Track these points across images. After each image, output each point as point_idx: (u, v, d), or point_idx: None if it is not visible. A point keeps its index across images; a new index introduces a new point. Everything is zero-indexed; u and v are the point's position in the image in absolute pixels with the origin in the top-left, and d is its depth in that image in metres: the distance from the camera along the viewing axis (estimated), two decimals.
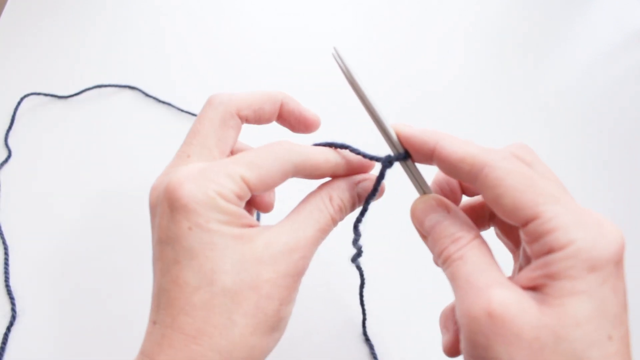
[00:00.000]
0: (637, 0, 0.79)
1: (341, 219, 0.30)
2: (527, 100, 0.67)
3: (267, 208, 0.36)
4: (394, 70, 0.69)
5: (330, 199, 0.29)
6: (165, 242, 0.26)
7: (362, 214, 0.30)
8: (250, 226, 0.27)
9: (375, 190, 0.29)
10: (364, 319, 0.46)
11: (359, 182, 0.30)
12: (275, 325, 0.26)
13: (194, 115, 0.60)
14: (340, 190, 0.29)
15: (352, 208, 0.30)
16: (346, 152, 0.30)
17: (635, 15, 0.78)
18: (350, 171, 0.31)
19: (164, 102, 0.61)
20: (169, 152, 0.57)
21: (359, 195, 0.30)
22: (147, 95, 0.62)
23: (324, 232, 0.28)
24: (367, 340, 0.47)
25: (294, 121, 0.34)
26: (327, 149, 0.30)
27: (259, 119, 0.32)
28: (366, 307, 0.46)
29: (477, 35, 0.74)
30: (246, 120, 0.31)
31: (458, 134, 0.26)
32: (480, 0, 0.78)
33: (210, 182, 0.25)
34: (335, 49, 0.29)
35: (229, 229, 0.25)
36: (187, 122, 0.60)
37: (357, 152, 0.30)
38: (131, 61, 0.66)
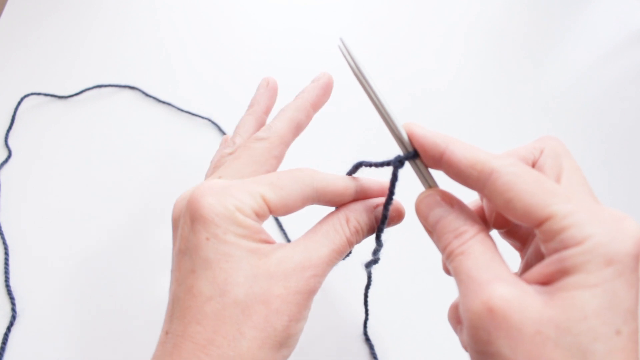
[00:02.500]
0: (637, 0, 0.79)
1: (357, 241, 0.30)
2: (527, 100, 0.67)
3: None
4: (393, 69, 0.69)
5: (347, 221, 0.29)
6: (184, 252, 0.27)
7: (383, 222, 0.30)
8: (267, 242, 0.27)
9: (392, 194, 0.28)
10: (366, 319, 0.46)
11: (377, 205, 0.31)
12: (284, 342, 0.26)
13: (194, 115, 0.60)
14: (358, 213, 0.30)
15: (370, 232, 0.30)
16: (365, 179, 0.31)
17: (635, 15, 0.78)
18: (370, 197, 0.31)
19: (164, 102, 0.61)
20: (169, 151, 0.57)
21: (377, 220, 0.31)
22: (147, 95, 0.62)
23: (339, 252, 0.28)
24: (367, 340, 0.47)
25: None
26: (347, 177, 0.31)
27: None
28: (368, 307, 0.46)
29: (477, 35, 0.74)
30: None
31: (458, 133, 0.26)
32: (480, 1, 0.78)
33: (230, 197, 0.26)
34: (341, 39, 0.28)
35: (246, 242, 0.26)
36: (187, 122, 0.60)
37: (370, 164, 0.30)
38: (131, 61, 0.66)
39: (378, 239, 0.30)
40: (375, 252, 0.32)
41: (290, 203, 0.28)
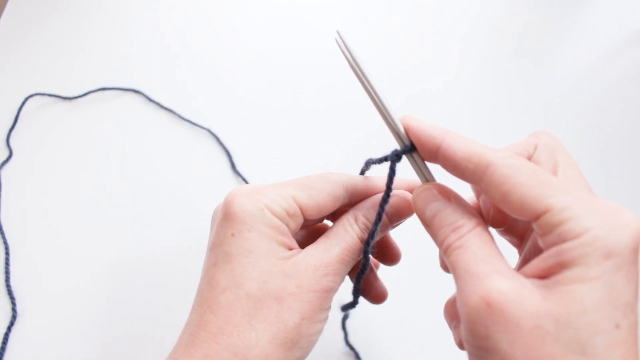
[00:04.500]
0: (637, 0, 0.79)
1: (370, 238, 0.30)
2: (527, 100, 0.67)
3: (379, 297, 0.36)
4: (392, 69, 0.69)
5: (356, 219, 0.30)
6: (212, 247, 0.28)
7: (377, 223, 0.29)
8: (289, 247, 0.28)
9: (389, 189, 0.28)
10: (346, 336, 0.47)
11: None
12: (295, 340, 0.27)
13: (195, 124, 0.60)
14: (365, 210, 0.30)
15: (382, 229, 0.30)
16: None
17: (635, 15, 0.78)
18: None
19: (166, 109, 0.61)
20: (168, 158, 0.57)
21: (388, 215, 0.31)
22: (150, 100, 0.61)
23: (351, 251, 0.29)
24: (351, 348, 0.47)
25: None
26: (374, 177, 0.32)
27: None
28: (353, 314, 0.47)
29: (477, 35, 0.74)
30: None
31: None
32: (479, 0, 0.78)
33: (261, 196, 0.28)
34: (338, 32, 0.28)
35: (267, 242, 0.27)
36: (188, 130, 0.59)
37: (374, 161, 0.30)
38: (136, 64, 0.65)
39: (367, 245, 0.29)
40: (363, 268, 0.30)
41: (322, 202, 0.29)
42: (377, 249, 0.34)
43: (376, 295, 0.35)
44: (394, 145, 0.28)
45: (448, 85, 0.68)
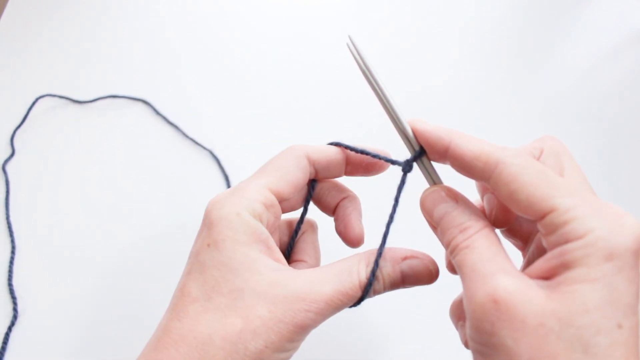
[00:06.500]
0: (637, 0, 0.79)
1: (376, 291, 0.28)
2: (527, 100, 0.68)
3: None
4: (391, 68, 0.69)
5: (367, 266, 0.27)
6: (190, 255, 0.28)
7: (382, 246, 0.28)
8: (270, 254, 0.27)
9: (397, 202, 0.28)
10: None
11: (407, 257, 0.28)
12: None
13: (197, 143, 0.59)
14: (381, 260, 0.28)
15: (392, 285, 0.28)
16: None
17: (635, 15, 0.78)
18: (354, 165, 0.31)
19: (171, 124, 0.60)
20: (167, 174, 0.57)
21: (403, 275, 0.28)
22: (157, 112, 0.61)
23: (345, 296, 0.26)
24: None
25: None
26: (336, 147, 0.31)
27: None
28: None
29: (477, 35, 0.74)
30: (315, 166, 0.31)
31: None
32: (480, 0, 0.78)
33: (238, 198, 0.28)
34: (350, 37, 0.29)
35: (243, 253, 0.26)
36: (190, 149, 0.59)
37: (378, 157, 0.30)
38: (148, 76, 0.65)
39: (366, 292, 0.27)
40: (354, 304, 0.28)
41: (294, 179, 0.29)
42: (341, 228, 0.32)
43: (352, 239, 0.32)
44: (394, 145, 0.28)
45: (447, 85, 0.68)
